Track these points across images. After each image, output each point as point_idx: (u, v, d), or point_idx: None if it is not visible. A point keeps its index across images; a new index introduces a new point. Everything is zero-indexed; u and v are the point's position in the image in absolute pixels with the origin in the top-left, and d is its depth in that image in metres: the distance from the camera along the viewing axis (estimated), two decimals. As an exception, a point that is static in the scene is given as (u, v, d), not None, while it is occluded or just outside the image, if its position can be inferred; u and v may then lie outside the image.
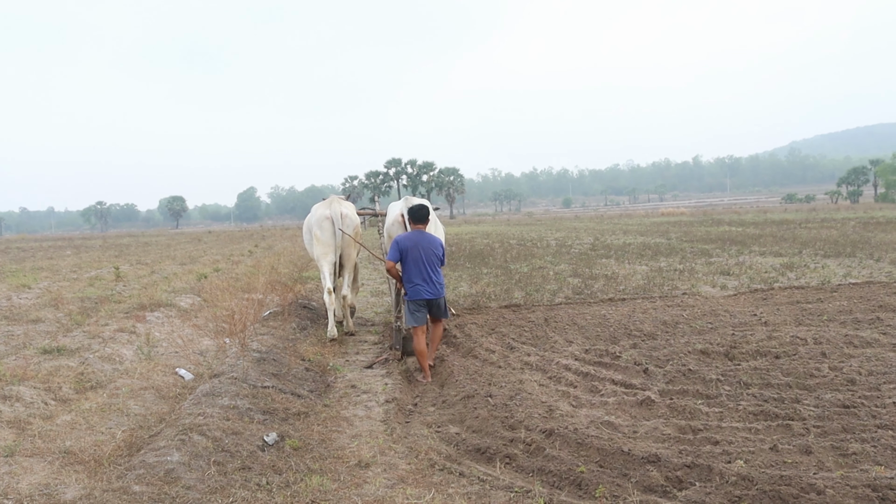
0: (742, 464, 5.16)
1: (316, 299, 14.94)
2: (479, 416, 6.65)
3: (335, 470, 5.72)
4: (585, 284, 15.89)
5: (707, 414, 6.45)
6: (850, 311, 10.89)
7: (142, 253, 36.25)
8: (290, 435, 6.36)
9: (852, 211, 63.17)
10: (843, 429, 5.83)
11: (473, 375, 8.07)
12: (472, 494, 5.14)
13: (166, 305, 13.72)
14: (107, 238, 79.01)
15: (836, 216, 49.82)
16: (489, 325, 11.15)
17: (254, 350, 9.13)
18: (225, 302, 13.74)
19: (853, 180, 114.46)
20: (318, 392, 8.15)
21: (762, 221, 45.38)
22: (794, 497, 4.51)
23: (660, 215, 79.62)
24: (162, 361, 9.46)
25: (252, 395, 7.22)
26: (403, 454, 6.08)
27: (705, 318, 10.83)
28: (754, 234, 30.84)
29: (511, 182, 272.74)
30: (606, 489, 4.96)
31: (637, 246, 27.12)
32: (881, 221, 37.80)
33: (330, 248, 11.27)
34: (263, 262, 24.26)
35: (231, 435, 6.02)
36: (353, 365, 9.68)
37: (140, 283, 18.66)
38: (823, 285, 14.40)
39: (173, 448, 5.56)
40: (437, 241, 9.07)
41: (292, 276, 19.25)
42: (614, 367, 8.22)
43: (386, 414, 7.30)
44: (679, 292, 14.29)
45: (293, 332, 11.29)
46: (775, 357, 8.30)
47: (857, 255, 20.28)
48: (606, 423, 6.32)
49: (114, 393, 7.89)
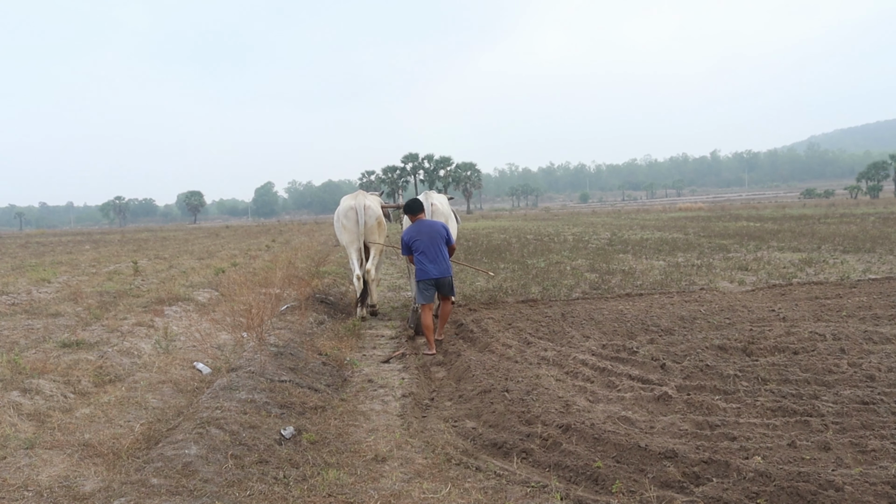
0: (759, 460, 5.13)
1: (333, 294, 14.99)
2: (496, 411, 6.66)
3: (352, 464, 5.74)
4: (602, 279, 15.87)
5: (724, 410, 6.43)
6: (870, 307, 10.82)
7: (160, 247, 36.47)
8: (307, 429, 6.39)
9: (872, 206, 62.72)
10: (862, 425, 5.79)
11: (490, 370, 8.07)
12: (488, 489, 5.15)
13: (184, 300, 13.80)
14: (125, 233, 79.49)
15: (855, 211, 49.49)
16: (506, 320, 11.15)
17: (271, 344, 9.16)
18: (242, 296, 13.79)
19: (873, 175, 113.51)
20: (335, 386, 8.17)
21: (780, 217, 45.13)
22: (812, 494, 4.48)
23: (677, 210, 79.29)
24: (180, 355, 9.52)
25: (269, 390, 7.25)
26: (420, 448, 6.09)
27: (723, 314, 10.78)
28: (772, 230, 30.68)
29: (528, 177, 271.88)
30: (623, 484, 4.95)
31: (654, 241, 27.05)
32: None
33: (354, 235, 12.55)
34: (281, 257, 24.32)
35: (248, 429, 6.05)
36: (370, 359, 9.70)
37: (158, 277, 18.77)
38: (842, 281, 14.32)
39: (191, 441, 5.59)
40: (439, 224, 10.20)
41: (309, 270, 19.28)
42: (631, 363, 8.20)
43: (402, 408, 7.32)
44: (697, 287, 14.25)
45: (310, 326, 11.33)
46: (793, 353, 8.25)
47: (876, 250, 20.14)
48: (623, 418, 6.31)
49: (132, 386, 7.94)
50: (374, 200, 13.02)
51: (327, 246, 32.30)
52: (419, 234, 9.99)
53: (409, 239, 10.04)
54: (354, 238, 12.56)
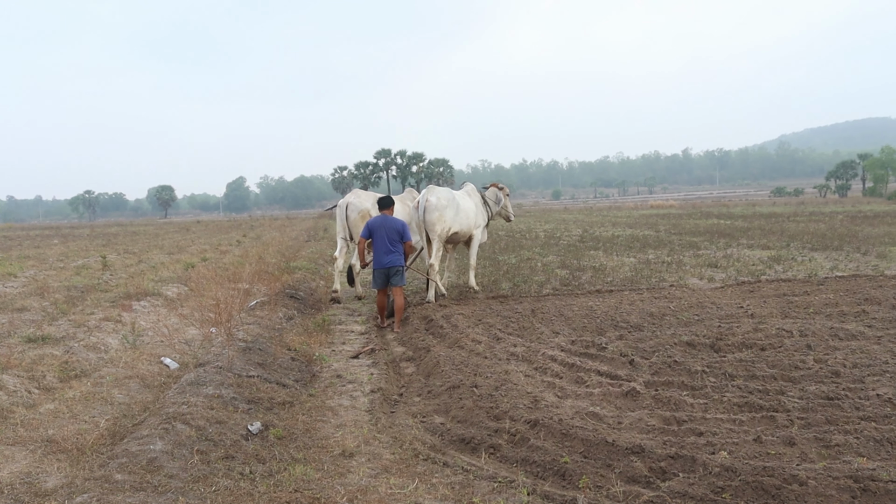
0: (726, 455, 5.16)
1: (303, 289, 14.92)
2: (465, 407, 6.65)
3: (319, 459, 5.70)
4: (573, 276, 15.93)
5: (692, 405, 6.46)
6: (836, 304, 10.92)
7: (129, 242, 36.14)
8: (274, 424, 6.34)
9: (840, 205, 63.39)
10: (827, 420, 5.85)
11: (459, 366, 8.05)
12: (455, 484, 5.14)
13: (153, 295, 13.69)
14: (94, 227, 78.72)
15: (824, 210, 49.96)
16: (476, 315, 11.14)
17: (240, 339, 9.10)
18: (211, 291, 13.66)
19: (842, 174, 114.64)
20: (304, 382, 8.13)
21: (751, 214, 45.49)
22: (777, 488, 4.51)
23: (649, 208, 79.66)
24: (147, 350, 9.44)
25: (237, 385, 7.19)
26: (388, 444, 6.08)
27: (692, 310, 10.84)
28: (743, 227, 30.92)
29: (501, 173, 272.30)
30: (590, 479, 4.96)
31: (626, 238, 27.17)
32: (868, 215, 37.96)
33: (341, 227, 14.21)
34: (251, 252, 24.19)
35: (215, 424, 6.00)
36: (339, 355, 9.67)
37: (127, 272, 18.60)
38: (810, 278, 14.46)
39: (156, 437, 5.53)
40: (399, 222, 11.46)
41: (280, 266, 19.17)
42: (600, 359, 8.22)
43: (371, 404, 7.29)
44: (666, 284, 14.33)
45: (280, 321, 11.28)
46: (761, 349, 8.31)
47: (844, 248, 20.36)
48: (591, 413, 6.33)
49: (98, 382, 7.86)
50: (367, 197, 14.26)
51: (298, 241, 32.15)
52: (380, 227, 11.33)
53: (372, 227, 11.40)
54: (340, 229, 14.21)
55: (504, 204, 14.88)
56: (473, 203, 14.05)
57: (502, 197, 14.83)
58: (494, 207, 14.72)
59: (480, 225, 14.21)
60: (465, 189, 14.57)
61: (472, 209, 13.76)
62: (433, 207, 12.77)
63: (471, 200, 13.99)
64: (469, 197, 14.10)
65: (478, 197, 14.46)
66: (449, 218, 12.94)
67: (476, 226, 13.99)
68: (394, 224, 11.38)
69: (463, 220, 13.36)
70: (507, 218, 15.24)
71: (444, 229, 12.91)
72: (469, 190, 14.54)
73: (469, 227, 13.67)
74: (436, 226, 12.81)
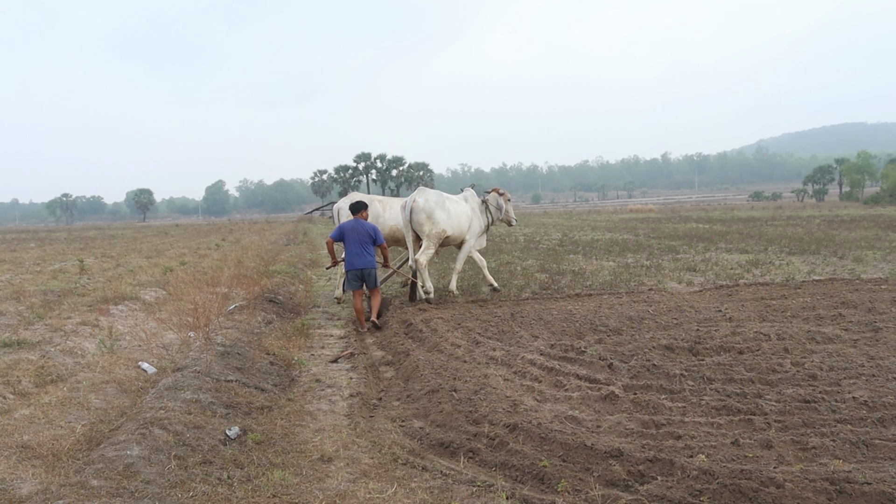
0: (704, 458, 5.18)
1: (282, 293, 14.86)
2: (444, 411, 6.64)
3: (297, 464, 5.69)
4: (552, 280, 15.95)
5: (670, 409, 6.48)
6: (813, 308, 11.00)
7: (107, 246, 35.90)
8: (252, 429, 6.31)
9: (818, 209, 63.81)
10: (804, 423, 5.88)
11: (438, 370, 8.05)
12: (434, 488, 5.13)
13: (131, 299, 13.60)
14: (72, 230, 78.22)
15: (801, 214, 50.32)
16: (455, 319, 11.14)
17: (218, 344, 9.05)
18: (190, 295, 13.60)
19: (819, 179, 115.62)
20: (282, 386, 8.10)
21: (729, 219, 45.72)
22: (754, 491, 4.54)
23: (628, 212, 79.94)
24: (125, 355, 9.36)
25: (215, 389, 7.15)
26: (367, 448, 6.06)
27: (671, 314, 10.88)
28: (721, 231, 31.07)
29: (481, 177, 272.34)
30: (569, 483, 4.97)
31: (605, 242, 27.25)
32: (845, 219, 38.24)
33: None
34: (230, 256, 24.06)
35: (193, 429, 5.96)
36: (318, 359, 9.64)
37: (105, 276, 18.46)
38: (788, 282, 14.55)
39: (133, 442, 5.49)
40: (370, 226, 11.67)
41: (259, 269, 19.08)
42: (579, 362, 8.24)
43: (350, 408, 7.28)
44: (645, 288, 14.38)
45: (258, 325, 11.23)
46: (739, 353, 8.35)
47: (821, 252, 20.50)
48: (570, 417, 6.34)
49: (74, 387, 7.79)
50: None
51: (278, 245, 32.02)
52: (351, 230, 11.52)
53: (344, 229, 11.59)
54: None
55: (505, 209, 14.84)
56: (469, 208, 14.05)
57: (503, 202, 14.78)
58: (496, 213, 14.68)
59: (475, 230, 14.20)
60: (464, 194, 14.59)
61: (464, 214, 13.75)
62: (419, 209, 12.90)
63: (465, 205, 13.98)
64: (465, 202, 14.11)
65: (476, 202, 14.47)
66: (440, 220, 12.99)
67: (470, 231, 14.00)
68: (365, 227, 11.59)
69: (454, 223, 13.37)
70: (508, 223, 15.15)
71: (435, 231, 12.95)
72: (468, 195, 14.55)
73: (460, 231, 13.66)
74: (423, 227, 12.90)
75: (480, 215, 14.45)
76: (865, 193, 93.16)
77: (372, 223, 12.00)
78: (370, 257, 11.54)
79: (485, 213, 14.56)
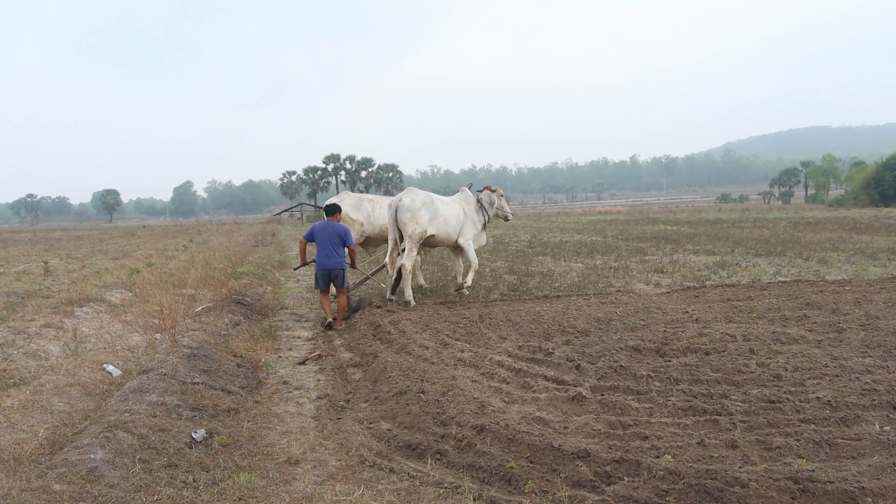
0: (670, 458, 5.21)
1: (250, 295, 14.77)
2: (411, 413, 6.63)
3: (264, 467, 5.65)
4: (521, 281, 15.98)
5: (637, 409, 6.51)
6: (779, 309, 11.11)
7: (73, 247, 35.53)
8: (218, 432, 6.26)
9: (784, 211, 64.55)
10: (769, 423, 5.93)
11: (407, 372, 8.03)
12: (401, 490, 5.12)
13: (96, 300, 13.45)
14: (37, 231, 77.32)
15: (768, 216, 50.81)
16: (423, 321, 11.12)
17: (184, 346, 8.97)
18: (156, 297, 13.49)
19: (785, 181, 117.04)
20: (250, 388, 8.04)
21: (697, 220, 46.08)
22: (719, 490, 4.57)
23: (597, 214, 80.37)
24: (89, 357, 9.25)
25: (181, 392, 7.09)
26: (334, 450, 6.03)
27: (638, 315, 10.94)
28: (689, 233, 31.31)
29: (450, 179, 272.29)
30: (536, 484, 4.97)
31: (574, 244, 27.36)
32: (811, 221, 38.68)
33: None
34: (198, 258, 23.88)
35: (158, 432, 5.90)
36: (286, 361, 9.59)
37: (70, 277, 18.27)
38: (754, 283, 14.68)
39: (97, 446, 5.42)
40: (342, 228, 12.04)
41: (227, 271, 18.95)
42: (547, 364, 8.25)
43: (317, 410, 7.24)
44: (613, 290, 14.45)
45: (226, 327, 11.15)
46: (705, 353, 8.41)
47: (787, 254, 20.72)
48: (538, 418, 6.35)
49: (37, 390, 7.69)
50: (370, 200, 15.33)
51: (246, 246, 31.84)
52: (321, 232, 11.94)
53: (316, 230, 12.03)
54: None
55: (499, 205, 14.90)
56: (462, 210, 14.04)
57: (496, 198, 14.79)
58: (490, 210, 14.69)
59: (468, 233, 14.14)
60: (460, 195, 14.62)
61: (453, 216, 13.72)
62: (405, 208, 12.97)
63: (457, 207, 13.99)
64: (458, 204, 14.13)
65: (472, 204, 14.44)
66: (423, 220, 13.00)
67: (462, 234, 13.99)
68: (336, 229, 11.97)
69: (441, 224, 13.36)
70: (504, 218, 15.20)
71: (417, 231, 12.96)
72: (464, 196, 14.56)
73: (448, 233, 13.64)
74: (407, 226, 12.91)
75: (476, 215, 14.48)
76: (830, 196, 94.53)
77: (343, 225, 12.23)
78: (340, 258, 11.94)
79: (480, 212, 14.57)
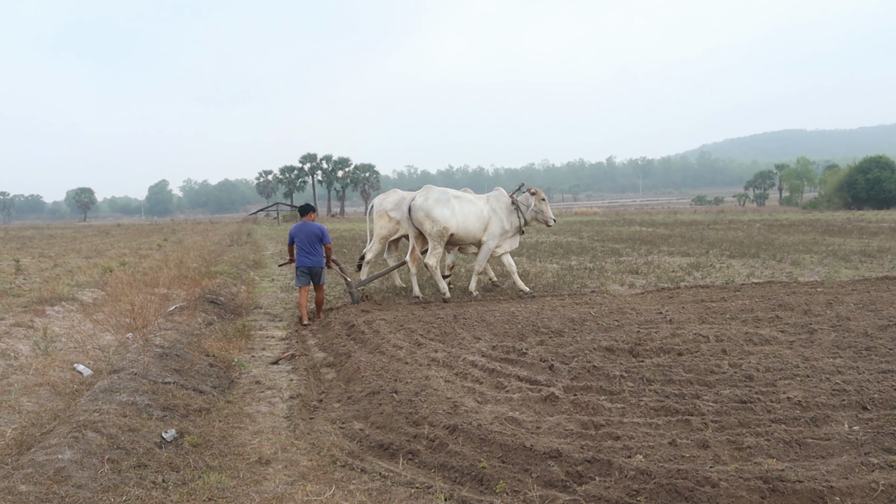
0: (641, 458, 5.22)
1: (224, 294, 14.69)
2: (384, 413, 6.61)
3: (234, 467, 5.61)
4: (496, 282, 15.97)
5: (609, 410, 6.52)
6: (752, 310, 11.17)
7: (46, 245, 35.22)
8: (189, 431, 6.21)
9: (758, 213, 65.08)
10: (740, 423, 5.96)
11: (380, 371, 8.01)
12: (372, 490, 5.10)
13: (68, 299, 13.33)
14: (9, 230, 76.57)
15: (742, 218, 51.22)
16: (398, 321, 11.10)
17: (156, 345, 8.90)
18: (129, 296, 13.38)
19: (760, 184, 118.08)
20: (222, 388, 7.99)
21: (672, 222, 46.37)
22: (690, 490, 4.58)
23: (573, 215, 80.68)
24: (60, 357, 9.15)
25: (152, 392, 7.03)
26: (305, 451, 6.00)
27: (612, 316, 10.97)
28: (664, 235, 31.48)
29: (427, 179, 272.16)
30: (507, 484, 4.97)
31: (549, 244, 27.43)
32: (785, 224, 39.01)
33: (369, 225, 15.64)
34: (172, 257, 23.73)
35: (128, 432, 5.85)
36: (259, 360, 9.54)
37: (42, 276, 18.12)
38: (727, 285, 14.77)
39: (65, 446, 5.36)
40: (317, 227, 12.45)
41: (201, 270, 18.85)
42: (520, 364, 8.25)
43: (290, 410, 7.21)
44: (588, 290, 14.49)
45: (198, 327, 11.07)
46: (678, 354, 8.44)
47: (760, 255, 20.87)
48: (510, 418, 6.34)
49: (6, 390, 7.60)
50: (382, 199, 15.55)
51: (221, 246, 31.67)
52: (299, 232, 12.41)
53: (294, 232, 12.50)
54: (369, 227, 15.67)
55: (539, 208, 14.29)
56: (487, 208, 13.95)
57: (534, 201, 14.26)
58: (528, 213, 14.26)
59: (494, 231, 13.98)
60: (492, 194, 14.48)
61: (474, 213, 13.74)
62: (417, 207, 13.35)
63: (481, 205, 13.95)
64: (483, 201, 14.07)
65: (503, 203, 14.16)
66: (440, 218, 13.20)
67: (488, 232, 13.94)
68: (313, 230, 12.40)
69: (460, 222, 13.46)
70: (545, 223, 14.56)
71: (435, 228, 13.16)
72: (496, 195, 14.38)
73: (468, 230, 13.67)
74: (424, 225, 13.24)
75: (506, 216, 14.15)
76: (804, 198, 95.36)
77: (319, 224, 12.56)
78: (318, 256, 12.40)
79: (514, 214, 14.23)
